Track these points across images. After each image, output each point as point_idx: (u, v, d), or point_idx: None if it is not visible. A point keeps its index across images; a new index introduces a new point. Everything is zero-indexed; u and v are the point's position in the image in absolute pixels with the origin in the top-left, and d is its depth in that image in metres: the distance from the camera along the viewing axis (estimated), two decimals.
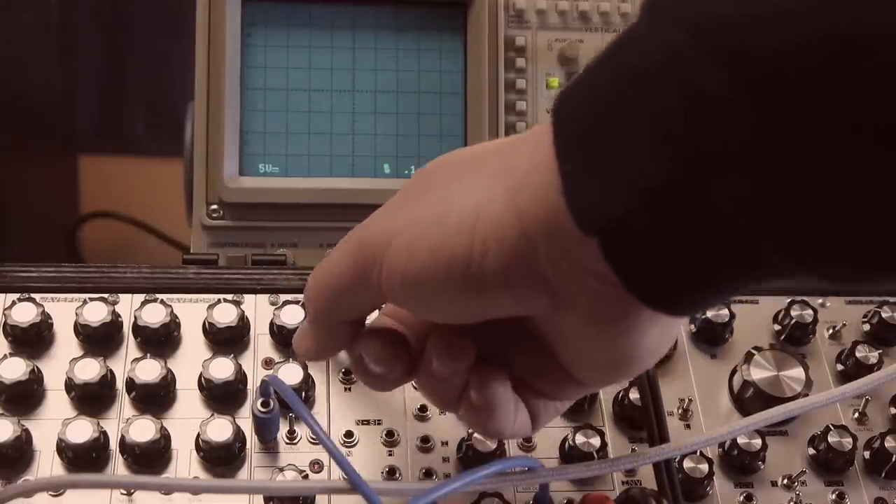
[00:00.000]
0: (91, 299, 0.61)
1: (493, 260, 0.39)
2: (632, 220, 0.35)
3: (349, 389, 0.61)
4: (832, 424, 0.61)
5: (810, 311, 0.66)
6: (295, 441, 0.58)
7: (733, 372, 0.64)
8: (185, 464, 0.57)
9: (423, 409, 0.60)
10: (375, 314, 0.51)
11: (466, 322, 0.44)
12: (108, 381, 0.58)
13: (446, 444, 0.59)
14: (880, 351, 0.65)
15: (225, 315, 0.61)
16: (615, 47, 0.36)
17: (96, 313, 0.60)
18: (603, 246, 0.36)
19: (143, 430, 0.55)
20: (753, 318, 0.67)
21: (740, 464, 0.60)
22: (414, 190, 0.44)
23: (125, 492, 0.55)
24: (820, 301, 0.68)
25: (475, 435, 0.58)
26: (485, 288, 0.40)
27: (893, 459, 0.60)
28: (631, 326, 0.40)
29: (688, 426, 0.62)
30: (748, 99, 0.31)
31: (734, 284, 0.37)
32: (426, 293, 0.41)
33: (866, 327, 0.67)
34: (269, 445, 0.58)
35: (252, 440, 0.58)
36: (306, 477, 0.56)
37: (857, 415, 0.63)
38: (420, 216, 0.41)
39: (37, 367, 0.58)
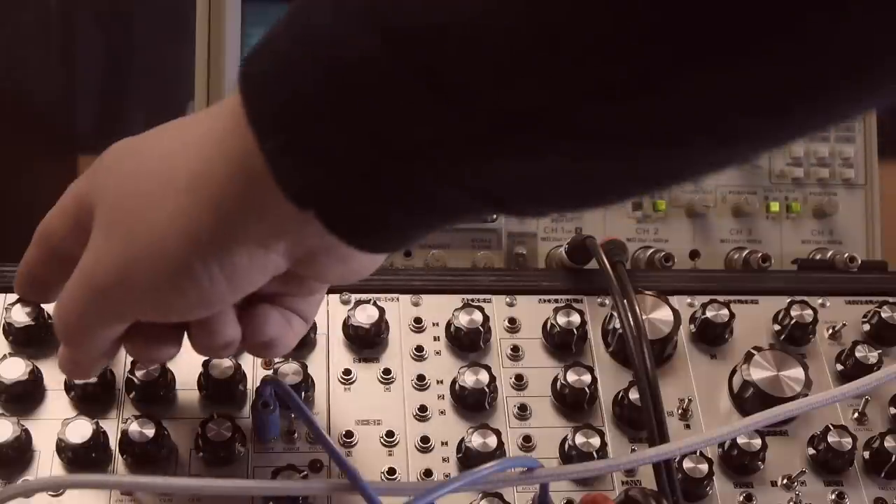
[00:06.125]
0: None
1: (222, 273, 0.43)
2: (345, 193, 0.39)
3: (349, 389, 0.61)
4: (832, 424, 0.61)
5: (810, 311, 0.65)
6: (294, 441, 0.58)
7: (733, 372, 0.64)
8: (184, 463, 0.57)
9: (422, 409, 0.60)
10: None
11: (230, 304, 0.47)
12: (107, 380, 0.58)
13: (446, 444, 0.59)
14: (880, 351, 0.65)
15: None
16: (300, 30, 0.38)
17: None
18: (319, 215, 0.40)
19: (143, 429, 0.56)
20: (753, 318, 0.67)
21: (740, 464, 0.60)
22: (118, 215, 0.46)
23: (125, 492, 0.55)
24: (820, 301, 0.68)
25: (474, 435, 0.58)
26: (229, 292, 0.44)
27: (893, 459, 0.60)
28: (350, 257, 0.45)
29: (688, 426, 0.62)
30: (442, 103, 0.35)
31: (433, 226, 0.43)
32: (183, 313, 0.46)
33: (866, 327, 0.67)
34: (268, 445, 0.58)
35: (251, 440, 0.58)
36: (306, 477, 0.56)
37: (856, 415, 0.63)
38: (138, 255, 0.44)
39: (37, 367, 0.58)
